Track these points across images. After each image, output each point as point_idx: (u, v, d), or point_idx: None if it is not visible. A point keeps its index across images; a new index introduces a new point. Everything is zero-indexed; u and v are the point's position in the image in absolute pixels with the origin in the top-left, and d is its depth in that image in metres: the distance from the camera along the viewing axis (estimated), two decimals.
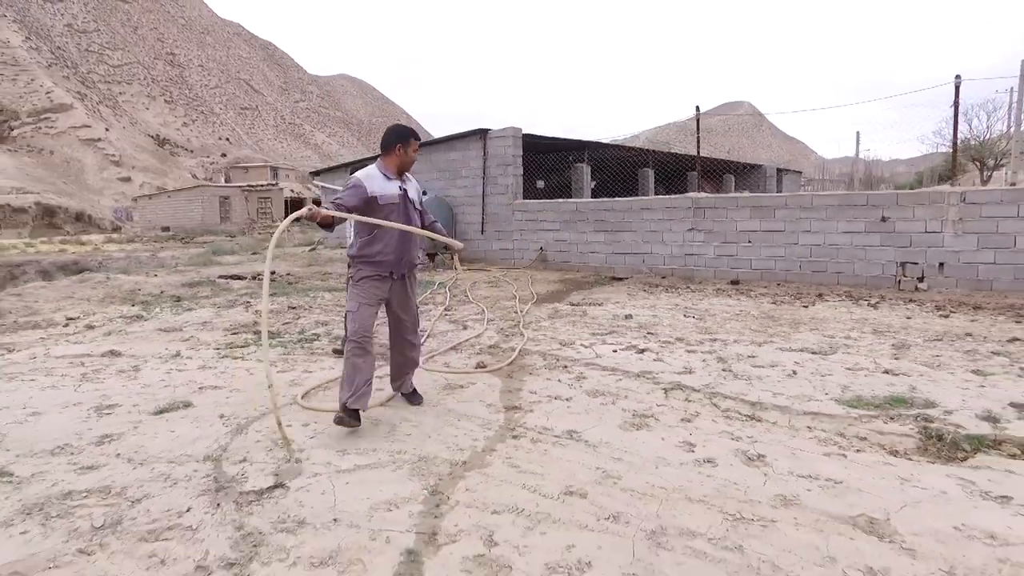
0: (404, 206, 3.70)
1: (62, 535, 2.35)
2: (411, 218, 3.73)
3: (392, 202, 3.63)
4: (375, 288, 3.63)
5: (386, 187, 3.64)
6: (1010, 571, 2.00)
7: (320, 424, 3.57)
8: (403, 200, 3.69)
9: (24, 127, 79.91)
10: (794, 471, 2.82)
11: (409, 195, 3.76)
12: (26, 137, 79.35)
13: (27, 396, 4.19)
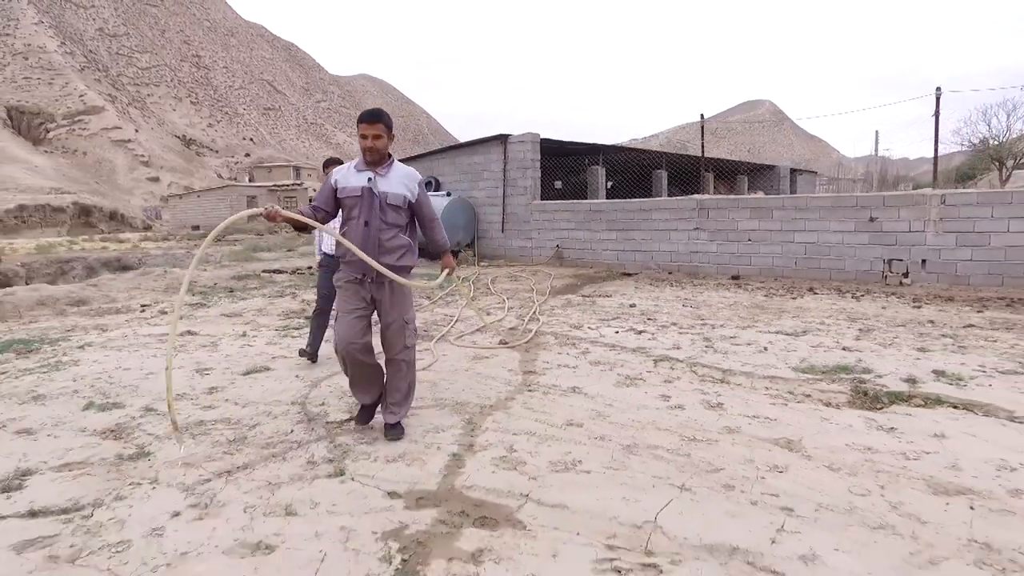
0: (368, 201, 3.28)
1: (208, 445, 3.33)
2: (376, 215, 3.29)
3: (353, 195, 3.29)
4: (352, 291, 3.34)
5: (351, 179, 3.33)
6: (869, 465, 2.88)
7: None
8: (367, 194, 3.28)
9: (59, 129, 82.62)
10: (742, 413, 3.71)
11: (378, 189, 3.29)
12: (61, 139, 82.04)
13: (139, 361, 5.22)
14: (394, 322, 3.37)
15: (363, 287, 3.32)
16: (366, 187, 3.27)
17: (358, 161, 3.39)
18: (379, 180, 3.30)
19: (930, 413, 3.66)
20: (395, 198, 3.31)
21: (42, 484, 2.86)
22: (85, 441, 3.41)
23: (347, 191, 3.29)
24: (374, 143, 3.27)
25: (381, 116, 3.32)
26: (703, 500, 2.59)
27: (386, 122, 3.32)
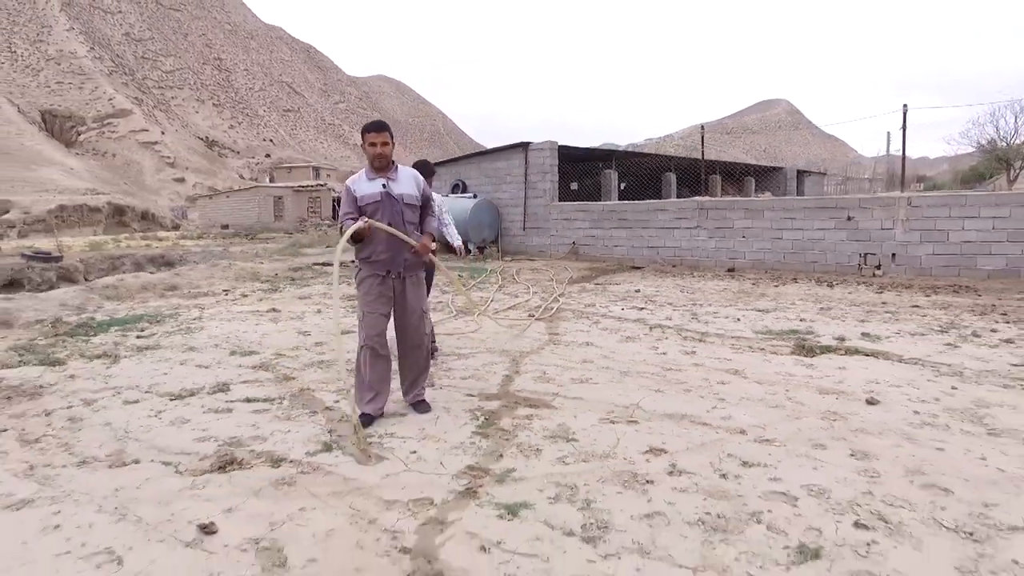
0: (388, 204, 3.63)
1: (334, 373, 4.85)
2: (397, 215, 3.64)
3: (373, 200, 3.61)
4: (376, 288, 3.66)
5: (365, 187, 3.65)
6: (784, 381, 4.35)
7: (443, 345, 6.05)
8: (385, 198, 3.62)
9: (89, 132, 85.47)
10: (708, 356, 5.18)
11: (393, 192, 3.65)
12: (91, 141, 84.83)
13: (252, 327, 6.78)
14: (415, 312, 3.74)
15: (386, 283, 3.67)
16: (383, 192, 3.61)
17: (367, 169, 3.72)
18: (392, 185, 3.66)
19: (844, 358, 5.10)
20: (410, 198, 3.72)
21: (240, 389, 4.40)
22: (246, 371, 4.95)
23: (366, 198, 3.62)
24: (382, 149, 3.60)
25: (386, 125, 3.73)
26: (669, 395, 4.08)
27: (390, 131, 3.71)
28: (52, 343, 6.06)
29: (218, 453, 3.18)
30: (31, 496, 2.71)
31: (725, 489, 2.69)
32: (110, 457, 3.18)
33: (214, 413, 3.86)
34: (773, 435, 3.32)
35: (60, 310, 7.87)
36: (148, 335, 6.44)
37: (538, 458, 3.07)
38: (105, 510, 2.58)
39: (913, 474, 2.80)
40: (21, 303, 7.89)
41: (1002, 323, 6.40)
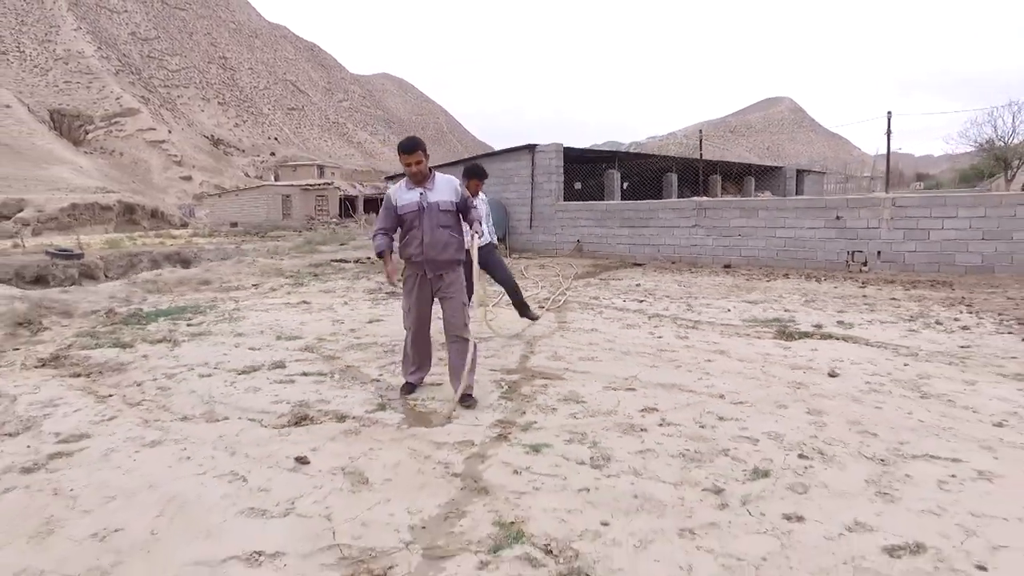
0: (426, 211, 3.98)
1: (372, 353, 5.58)
2: (432, 222, 3.99)
3: (411, 210, 4.00)
4: (417, 284, 4.11)
5: (404, 196, 4.05)
6: (762, 359, 5.07)
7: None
8: (423, 207, 3.99)
9: (97, 131, 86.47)
10: (699, 340, 5.90)
11: (429, 200, 4.00)
12: (99, 140, 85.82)
13: (290, 317, 7.52)
14: (454, 307, 4.08)
15: (426, 280, 4.07)
16: (419, 201, 3.99)
17: (407, 180, 4.09)
18: (428, 194, 4.02)
19: (818, 341, 5.81)
20: (446, 204, 4.04)
21: (294, 366, 5.14)
22: (295, 352, 5.68)
23: (406, 207, 4.02)
24: (416, 168, 3.96)
25: (417, 145, 3.95)
26: (662, 369, 4.81)
27: (422, 148, 3.97)
28: (111, 330, 6.80)
29: (292, 412, 3.91)
30: (159, 439, 3.45)
31: (702, 435, 3.42)
32: (204, 415, 3.92)
33: (279, 383, 4.60)
34: (746, 399, 4.05)
35: (110, 302, 8.62)
36: (197, 323, 7.18)
37: (554, 414, 3.80)
38: (219, 448, 3.32)
39: (852, 424, 3.52)
40: (76, 295, 8.64)
41: (965, 313, 7.11)
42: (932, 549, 2.23)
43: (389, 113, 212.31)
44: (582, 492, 2.75)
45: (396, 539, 2.37)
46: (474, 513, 2.57)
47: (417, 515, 2.56)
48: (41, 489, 2.82)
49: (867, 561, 2.17)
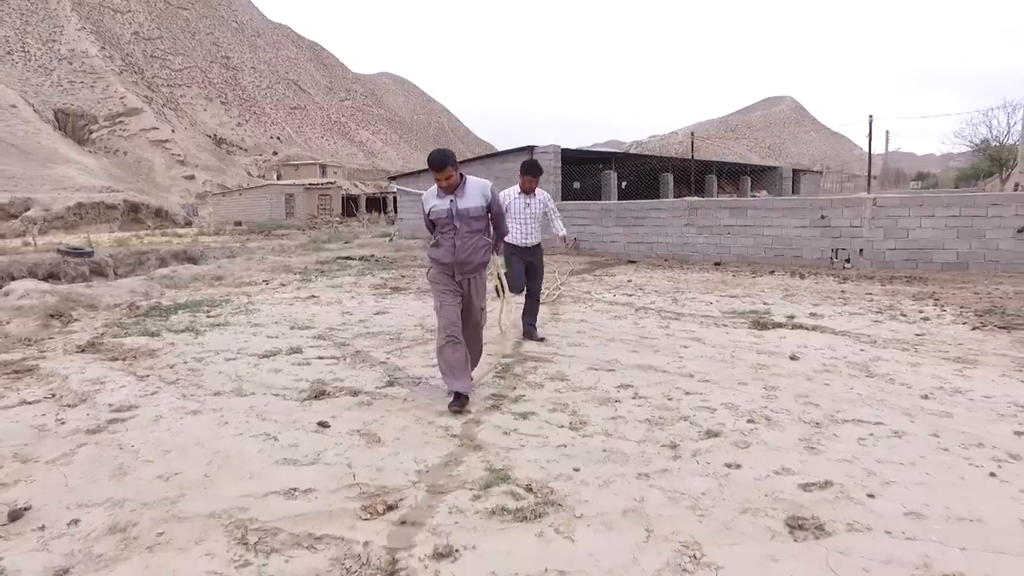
0: (453, 218, 4.13)
1: (380, 341, 6.12)
2: (463, 228, 4.14)
3: (442, 216, 4.17)
4: (445, 282, 4.22)
5: (436, 203, 4.22)
6: (733, 346, 5.60)
7: None
8: (453, 213, 4.13)
9: (101, 130, 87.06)
10: (679, 329, 6.42)
11: (459, 207, 4.14)
12: (103, 139, 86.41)
13: (301, 309, 8.06)
14: (475, 307, 4.35)
15: (452, 279, 4.20)
16: (449, 208, 4.13)
17: (438, 187, 4.21)
18: (459, 201, 4.15)
19: (788, 331, 6.34)
20: (476, 211, 4.18)
21: (310, 351, 5.67)
22: (309, 339, 6.21)
23: (436, 213, 4.19)
24: (447, 183, 4.10)
25: (446, 160, 4.05)
26: (641, 354, 5.34)
27: (451, 162, 4.08)
28: (136, 322, 7.34)
29: (312, 388, 4.45)
30: (198, 409, 3.99)
31: (668, 405, 3.95)
32: (234, 391, 4.45)
33: (297, 365, 5.14)
34: (712, 378, 4.58)
35: (131, 296, 9.16)
36: (215, 315, 7.71)
37: (541, 389, 4.33)
38: (251, 416, 3.86)
39: (799, 397, 4.05)
40: (99, 290, 9.18)
41: (931, 306, 7.62)
42: (837, 485, 2.76)
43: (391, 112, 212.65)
44: (560, 447, 3.28)
45: (405, 480, 2.91)
46: (469, 462, 3.11)
47: (422, 463, 3.10)
48: (108, 445, 3.37)
49: (784, 494, 2.70)
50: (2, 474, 2.99)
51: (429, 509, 2.62)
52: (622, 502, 2.66)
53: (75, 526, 2.50)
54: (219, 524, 2.51)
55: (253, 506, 2.66)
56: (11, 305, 7.66)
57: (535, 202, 6.14)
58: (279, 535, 2.42)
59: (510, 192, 6.10)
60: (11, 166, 58.28)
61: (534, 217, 6.09)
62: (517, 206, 6.05)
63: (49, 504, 2.68)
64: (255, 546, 2.34)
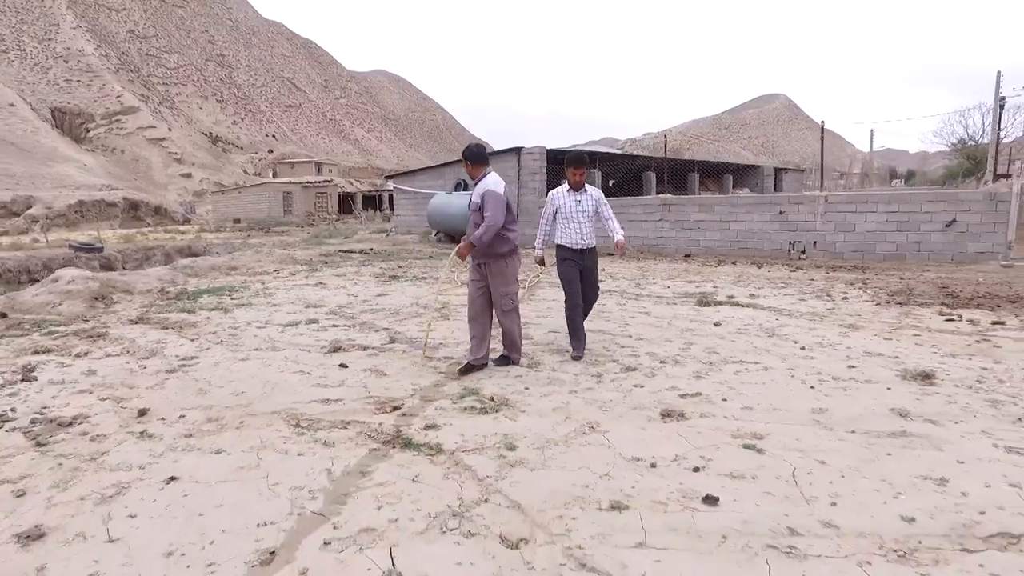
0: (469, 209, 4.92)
1: (382, 315, 7.33)
2: (473, 217, 4.80)
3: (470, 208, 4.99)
4: (473, 268, 4.90)
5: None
6: (672, 316, 6.84)
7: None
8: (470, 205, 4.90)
9: (98, 128, 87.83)
10: (633, 306, 7.65)
11: (472, 200, 4.83)
12: (100, 138, 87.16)
13: (311, 292, 9.25)
14: (497, 290, 4.81)
15: (479, 267, 4.81)
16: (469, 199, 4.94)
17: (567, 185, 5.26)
18: (473, 193, 4.82)
19: (725, 307, 7.56)
20: (473, 204, 4.78)
21: (324, 321, 6.87)
22: (322, 314, 7.40)
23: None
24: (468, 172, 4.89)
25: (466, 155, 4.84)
26: (595, 322, 6.56)
27: (465, 156, 4.86)
28: (169, 304, 8.52)
29: (330, 344, 5.65)
30: (246, 357, 5.20)
31: (604, 353, 5.18)
32: (268, 347, 5.65)
33: (316, 331, 6.34)
34: (646, 337, 5.81)
35: (159, 283, 10.33)
36: (237, 298, 8.90)
37: None
38: (287, 361, 5.07)
39: (707, 349, 5.29)
40: (132, 278, 10.35)
41: (856, 289, 8.87)
42: (704, 395, 4.00)
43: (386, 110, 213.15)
44: (517, 377, 4.51)
45: (405, 393, 4.13)
46: (450, 385, 4.33)
47: (417, 385, 4.32)
48: (186, 378, 4.58)
49: (666, 400, 3.93)
50: (118, 394, 4.19)
51: (421, 408, 3.84)
52: (553, 404, 3.89)
53: (183, 419, 3.70)
54: (279, 417, 3.72)
55: (301, 408, 3.88)
56: (61, 289, 8.83)
57: (587, 199, 5.39)
58: (321, 422, 3.63)
59: (559, 191, 5.46)
60: (12, 164, 59.14)
61: (587, 216, 5.36)
62: (568, 204, 5.35)
63: (161, 408, 3.89)
64: (306, 428, 3.55)
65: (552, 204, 5.46)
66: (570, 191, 5.41)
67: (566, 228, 5.36)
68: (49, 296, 8.64)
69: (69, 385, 4.35)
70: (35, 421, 3.56)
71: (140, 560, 2.16)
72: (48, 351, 5.41)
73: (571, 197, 5.39)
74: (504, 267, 4.81)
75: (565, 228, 5.37)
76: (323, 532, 2.36)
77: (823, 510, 2.48)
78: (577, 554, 2.19)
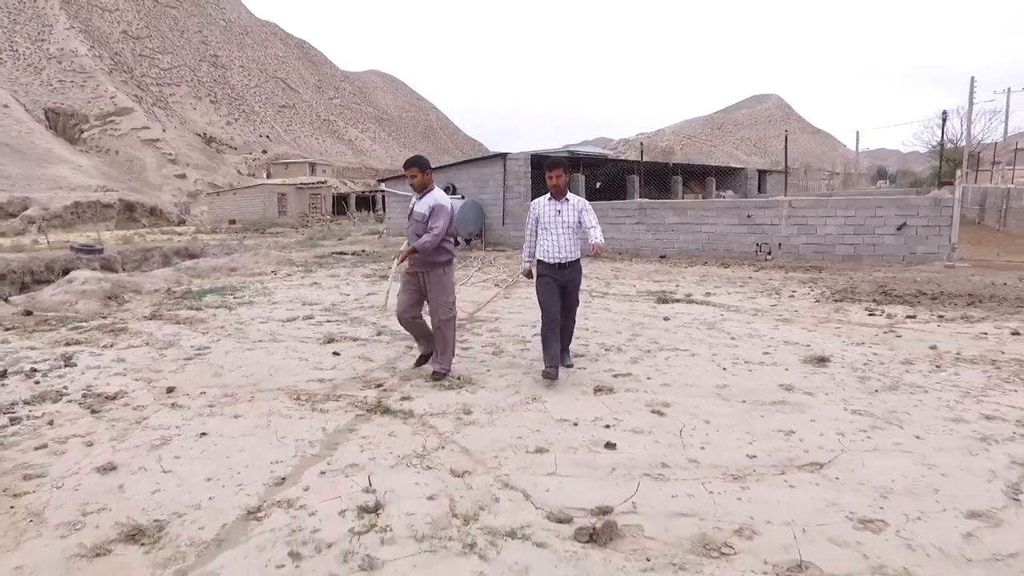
0: (412, 217, 4.96)
1: (372, 311, 8.15)
2: (414, 227, 4.90)
3: (408, 215, 5.07)
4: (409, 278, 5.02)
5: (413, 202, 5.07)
6: (630, 311, 7.69)
7: None
8: (412, 213, 4.96)
9: (92, 129, 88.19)
10: (597, 303, 8.49)
11: (414, 209, 4.90)
12: (94, 139, 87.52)
13: (308, 292, 10.07)
14: (434, 300, 4.92)
15: (416, 276, 4.95)
16: (411, 208, 5.03)
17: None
18: (417, 203, 4.93)
19: (680, 304, 8.41)
20: (419, 215, 4.87)
21: (319, 317, 7.68)
22: (317, 311, 8.22)
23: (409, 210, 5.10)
24: (411, 181, 4.92)
25: (415, 162, 4.90)
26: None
27: (419, 164, 4.88)
28: (176, 303, 9.32)
29: (325, 336, 6.48)
30: (252, 347, 6.02)
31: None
32: (271, 339, 6.47)
33: (312, 325, 7.17)
34: (600, 329, 6.66)
35: (165, 283, 11.12)
36: (239, 297, 9.71)
37: (480, 336, 6.40)
38: (288, 350, 5.89)
39: (651, 340, 6.14)
40: (140, 278, 11.14)
41: (807, 287, 9.73)
42: (633, 375, 4.86)
43: (380, 110, 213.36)
44: (482, 363, 5.37)
45: (387, 375, 4.98)
46: (425, 368, 5.17)
47: (398, 369, 5.16)
48: (202, 363, 5.40)
49: (600, 378, 4.78)
50: (147, 376, 5.01)
51: (400, 385, 4.69)
52: (507, 383, 4.73)
53: (204, 395, 4.53)
54: (283, 393, 4.55)
55: (301, 385, 4.71)
56: (76, 290, 9.62)
57: (568, 209, 4.98)
58: (317, 396, 4.47)
59: (540, 200, 5.15)
60: (7, 166, 59.57)
61: (568, 227, 4.96)
62: (547, 214, 5.00)
63: (185, 386, 4.71)
64: (305, 400, 4.38)
65: (533, 214, 5.10)
66: (551, 200, 5.04)
67: (544, 240, 4.99)
68: (66, 296, 9.43)
69: (105, 369, 5.16)
70: (86, 395, 4.38)
71: (188, 483, 3.00)
72: (78, 343, 6.21)
73: (551, 206, 5.00)
74: (442, 276, 4.90)
75: (543, 240, 5.00)
76: (319, 467, 3.20)
77: (692, 452, 3.33)
78: (504, 479, 3.04)
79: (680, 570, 2.27)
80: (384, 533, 2.53)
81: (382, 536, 2.50)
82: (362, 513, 2.69)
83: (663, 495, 2.84)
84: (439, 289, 4.89)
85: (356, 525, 2.59)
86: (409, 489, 2.94)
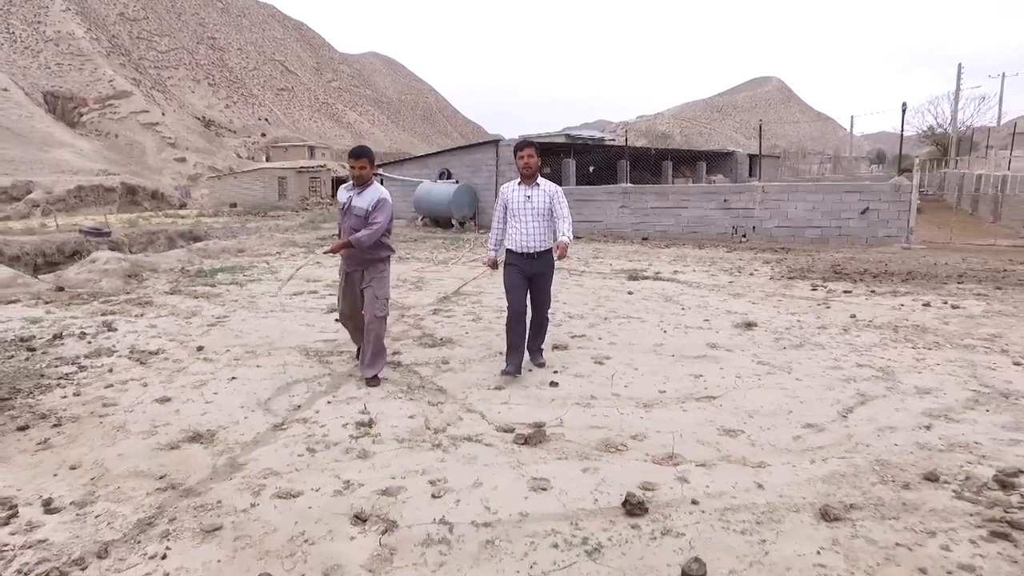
0: (348, 211, 4.50)
1: None
2: (349, 222, 4.47)
3: (343, 208, 4.50)
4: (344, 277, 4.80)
5: (342, 196, 4.57)
6: (601, 286, 8.61)
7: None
8: (347, 207, 4.50)
9: (91, 113, 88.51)
10: (572, 280, 9.40)
11: (352, 204, 4.47)
12: (94, 122, 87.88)
13: (311, 271, 10.97)
14: (370, 296, 4.55)
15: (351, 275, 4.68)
16: (346, 202, 4.50)
17: (349, 183, 4.57)
18: (355, 198, 4.48)
19: (647, 281, 9.31)
20: (359, 210, 4.43)
21: (322, 291, 8.60)
22: (320, 287, 9.12)
23: (340, 204, 4.54)
24: (359, 172, 4.41)
25: (365, 152, 4.44)
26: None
27: (369, 156, 4.44)
28: (192, 280, 10.22)
29: (328, 307, 7.38)
30: (265, 315, 6.95)
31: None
32: (280, 310, 7.38)
33: (316, 299, 8.09)
34: (569, 301, 7.58)
35: (179, 263, 12.02)
36: (248, 275, 10.61)
37: (465, 305, 7.31)
38: (296, 318, 6.81)
39: (611, 310, 7.06)
40: (155, 258, 12.04)
41: (769, 267, 10.62)
42: (587, 336, 5.78)
43: (378, 93, 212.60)
44: (462, 327, 6.29)
45: None
46: (413, 331, 6.09)
47: (391, 332, 6.08)
48: (224, 329, 6.33)
49: (559, 339, 5.70)
50: (179, 338, 5.93)
51: (391, 345, 5.61)
52: (482, 342, 5.66)
53: (228, 352, 5.45)
54: (295, 349, 5.48)
55: (309, 345, 5.64)
56: (100, 268, 10.52)
57: (539, 194, 4.71)
58: (323, 352, 5.39)
59: (509, 185, 4.87)
60: (9, 150, 60.16)
61: (538, 214, 4.69)
62: (516, 200, 4.74)
63: (212, 346, 5.64)
64: (313, 355, 5.30)
65: (501, 199, 4.81)
66: (521, 184, 4.76)
67: (512, 228, 4.75)
68: (90, 274, 10.33)
69: (142, 333, 6.08)
70: (132, 351, 5.30)
71: (227, 408, 3.94)
72: (113, 313, 7.13)
73: (520, 191, 4.72)
74: (383, 270, 4.67)
75: (511, 228, 4.75)
76: (326, 399, 4.14)
77: (617, 390, 4.26)
78: (468, 406, 3.98)
79: (584, 459, 3.21)
80: (375, 437, 3.46)
81: (373, 439, 3.44)
82: (359, 426, 3.63)
83: (585, 416, 3.78)
84: (379, 284, 4.61)
85: (355, 432, 3.53)
86: (395, 412, 3.87)
